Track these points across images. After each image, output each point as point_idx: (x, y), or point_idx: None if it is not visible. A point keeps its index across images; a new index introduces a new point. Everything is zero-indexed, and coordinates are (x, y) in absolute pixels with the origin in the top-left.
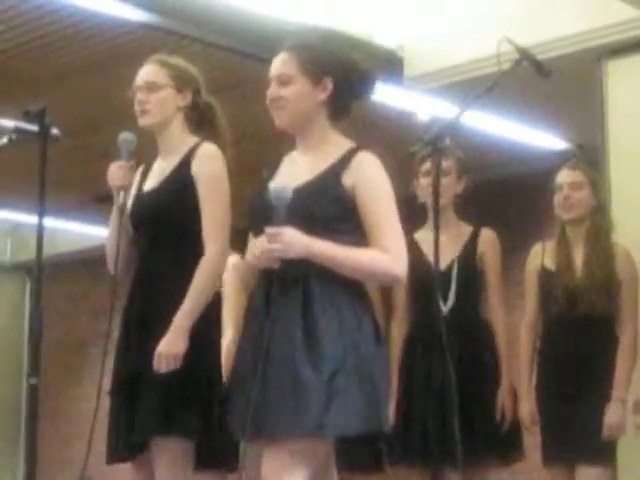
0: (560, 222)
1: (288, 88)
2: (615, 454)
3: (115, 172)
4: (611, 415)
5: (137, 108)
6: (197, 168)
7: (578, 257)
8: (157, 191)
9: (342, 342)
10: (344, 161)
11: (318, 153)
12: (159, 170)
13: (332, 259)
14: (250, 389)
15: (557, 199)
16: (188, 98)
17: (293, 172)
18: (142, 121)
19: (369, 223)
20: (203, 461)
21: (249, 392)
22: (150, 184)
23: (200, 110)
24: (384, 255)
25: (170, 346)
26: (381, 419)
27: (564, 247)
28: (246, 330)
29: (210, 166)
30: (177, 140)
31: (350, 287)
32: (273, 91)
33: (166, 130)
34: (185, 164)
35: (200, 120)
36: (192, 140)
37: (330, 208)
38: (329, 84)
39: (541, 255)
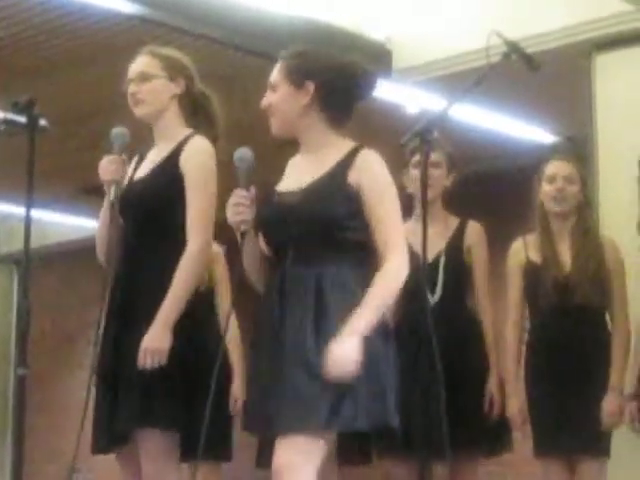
0: (543, 214)
1: (274, 95)
2: (610, 444)
3: (107, 166)
4: (609, 405)
5: (130, 100)
6: (185, 161)
7: (564, 250)
8: (144, 181)
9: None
10: (348, 159)
11: (319, 155)
12: (152, 160)
13: (373, 321)
14: (265, 385)
15: (548, 190)
16: (181, 86)
17: (295, 174)
18: (137, 111)
19: (374, 220)
20: (196, 452)
21: (265, 390)
22: (140, 174)
23: (194, 99)
24: (389, 269)
25: (155, 341)
26: (388, 414)
27: (549, 240)
28: (259, 327)
29: (198, 159)
30: (172, 129)
31: (361, 284)
32: (264, 99)
33: (161, 119)
34: (174, 156)
35: (194, 109)
36: (185, 131)
37: (338, 206)
38: (310, 87)
39: (523, 250)
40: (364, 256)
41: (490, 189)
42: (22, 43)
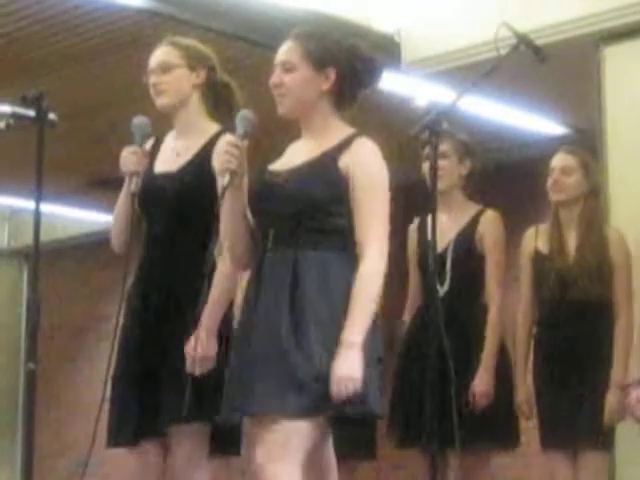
0: (553, 204)
1: (291, 75)
2: (613, 438)
3: (128, 157)
4: (611, 400)
5: (152, 91)
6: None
7: (571, 240)
8: (175, 177)
9: (333, 324)
10: (342, 145)
11: (319, 139)
12: (174, 151)
13: (365, 326)
14: (237, 372)
15: (549, 181)
16: (202, 76)
17: (291, 155)
18: (159, 101)
19: (357, 210)
20: (225, 447)
21: (240, 372)
22: (165, 166)
23: (216, 89)
24: (366, 269)
25: (203, 349)
26: (369, 401)
27: (557, 230)
28: (241, 312)
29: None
30: (194, 120)
31: (343, 268)
32: (276, 77)
33: (183, 110)
34: (206, 154)
35: (216, 99)
36: (213, 127)
37: (325, 190)
38: (332, 73)
39: (534, 238)
40: (347, 241)
41: (499, 181)
42: (30, 37)
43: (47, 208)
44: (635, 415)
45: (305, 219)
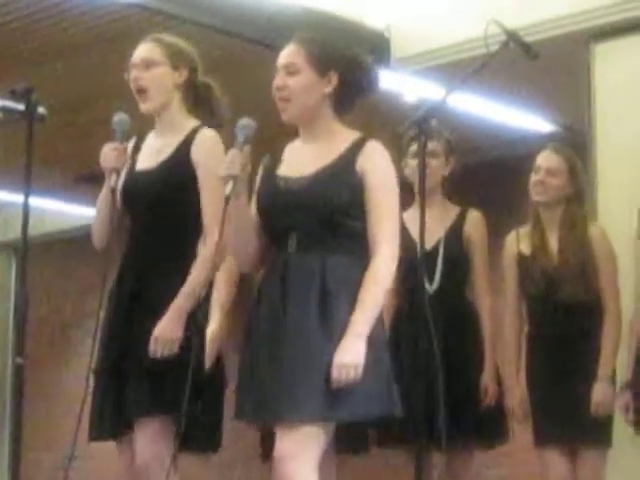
0: (533, 205)
1: (294, 78)
2: (612, 434)
3: (109, 153)
4: (597, 394)
5: (133, 86)
6: (197, 154)
7: (553, 241)
8: (155, 173)
9: None
10: (356, 148)
11: (324, 143)
12: (154, 149)
13: (372, 320)
14: (264, 373)
15: (532, 180)
16: (184, 76)
17: (298, 160)
18: (143, 106)
19: (371, 211)
20: (187, 443)
21: (263, 376)
22: (145, 163)
23: (197, 89)
24: (377, 266)
25: (167, 331)
26: (395, 403)
27: (538, 230)
28: (258, 315)
29: (210, 152)
30: (176, 119)
31: (359, 272)
32: (280, 80)
33: (166, 110)
34: (184, 148)
35: (196, 99)
36: (191, 123)
37: (347, 193)
38: (334, 78)
39: (516, 242)
40: (361, 244)
41: (487, 178)
42: (19, 31)
43: (36, 202)
44: (626, 419)
45: (331, 223)
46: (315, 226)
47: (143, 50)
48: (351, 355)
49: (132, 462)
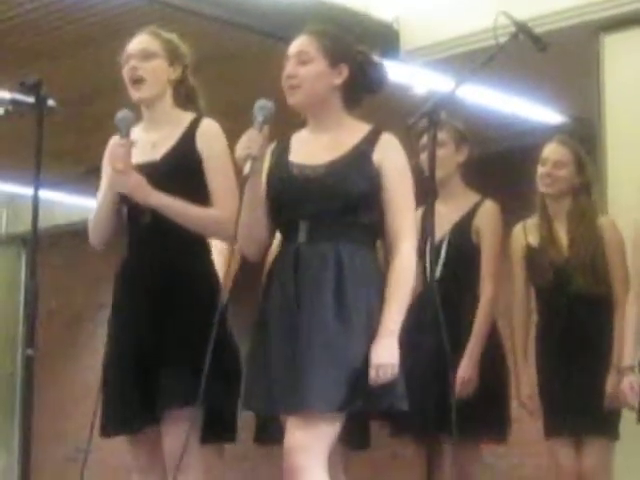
0: (541, 196)
1: (306, 67)
2: (619, 426)
3: (115, 150)
4: (610, 385)
5: (129, 74)
6: (203, 144)
7: (562, 233)
8: (159, 166)
9: (370, 323)
10: (371, 139)
11: (334, 134)
12: (148, 142)
13: (402, 317)
14: (277, 364)
15: (539, 172)
16: (178, 72)
17: (309, 150)
18: (136, 94)
19: (389, 204)
20: (206, 434)
21: (276, 367)
22: (144, 157)
23: (187, 88)
24: (404, 262)
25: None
26: (402, 397)
27: (546, 222)
28: (268, 305)
29: (217, 141)
30: (168, 112)
31: (372, 263)
32: (291, 68)
33: (159, 102)
34: (188, 138)
35: (187, 98)
36: (188, 115)
37: (364, 184)
38: (345, 70)
39: (523, 234)
40: (372, 235)
41: (497, 169)
42: (29, 24)
43: (45, 194)
44: (626, 402)
45: (346, 213)
46: (328, 215)
47: (142, 41)
48: (388, 354)
49: (149, 455)
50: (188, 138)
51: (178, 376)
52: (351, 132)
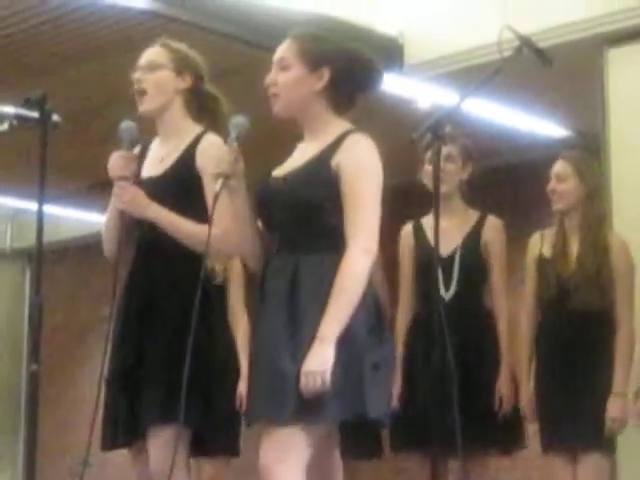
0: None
1: (285, 74)
2: (615, 442)
3: (116, 162)
4: (613, 409)
5: (134, 87)
6: (202, 161)
7: (574, 246)
8: (160, 181)
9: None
10: (335, 144)
11: (320, 140)
12: (158, 156)
13: (343, 320)
14: (252, 376)
15: (548, 189)
16: (188, 82)
17: (294, 159)
18: (140, 107)
19: (345, 205)
20: (207, 448)
21: (252, 379)
22: (151, 171)
23: (202, 98)
24: (345, 264)
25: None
26: (367, 405)
27: (561, 235)
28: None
29: (214, 156)
30: (177, 125)
31: (334, 271)
32: (271, 76)
33: (166, 114)
34: (189, 155)
35: (201, 108)
36: (195, 128)
37: (319, 191)
38: (326, 73)
39: (539, 243)
40: (339, 243)
41: (501, 183)
42: (34, 39)
43: (50, 209)
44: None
45: (303, 223)
46: (292, 225)
47: (149, 53)
48: (317, 362)
49: (146, 470)
50: (189, 154)
51: (157, 394)
52: (330, 137)
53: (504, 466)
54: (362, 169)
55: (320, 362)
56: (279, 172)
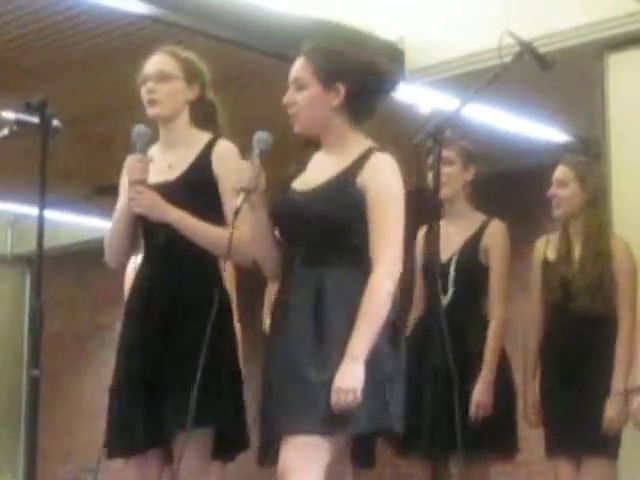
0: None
1: (302, 94)
2: (619, 446)
3: (135, 165)
4: (610, 409)
5: (146, 97)
6: (219, 165)
7: (577, 251)
8: (174, 185)
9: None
10: (360, 162)
11: (338, 154)
12: (165, 162)
13: (370, 340)
14: (272, 389)
15: (549, 195)
16: (196, 92)
17: (313, 172)
18: (151, 111)
19: (371, 225)
20: (224, 452)
21: (271, 392)
22: (160, 177)
23: (204, 106)
24: (372, 284)
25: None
26: (392, 418)
27: (565, 240)
28: (271, 330)
29: (232, 162)
30: (184, 133)
31: (359, 289)
32: (288, 96)
33: (175, 122)
34: (204, 159)
35: (204, 115)
36: (203, 136)
37: (344, 211)
38: (342, 89)
39: (545, 247)
40: (363, 260)
41: (501, 188)
42: (34, 44)
43: (51, 214)
44: (638, 421)
45: (327, 240)
46: (316, 240)
47: (159, 62)
48: (349, 380)
49: (155, 476)
50: (204, 159)
51: (186, 398)
52: (350, 152)
53: (505, 471)
54: (387, 191)
55: (352, 380)
56: (301, 186)
